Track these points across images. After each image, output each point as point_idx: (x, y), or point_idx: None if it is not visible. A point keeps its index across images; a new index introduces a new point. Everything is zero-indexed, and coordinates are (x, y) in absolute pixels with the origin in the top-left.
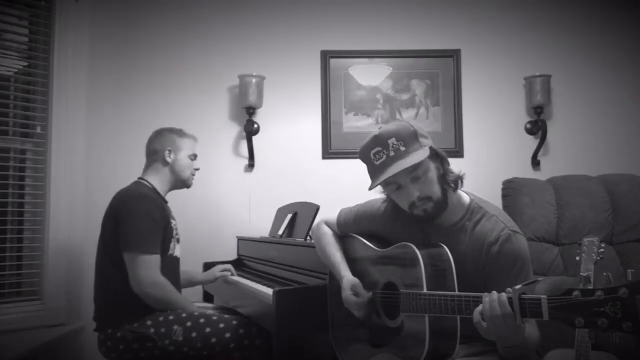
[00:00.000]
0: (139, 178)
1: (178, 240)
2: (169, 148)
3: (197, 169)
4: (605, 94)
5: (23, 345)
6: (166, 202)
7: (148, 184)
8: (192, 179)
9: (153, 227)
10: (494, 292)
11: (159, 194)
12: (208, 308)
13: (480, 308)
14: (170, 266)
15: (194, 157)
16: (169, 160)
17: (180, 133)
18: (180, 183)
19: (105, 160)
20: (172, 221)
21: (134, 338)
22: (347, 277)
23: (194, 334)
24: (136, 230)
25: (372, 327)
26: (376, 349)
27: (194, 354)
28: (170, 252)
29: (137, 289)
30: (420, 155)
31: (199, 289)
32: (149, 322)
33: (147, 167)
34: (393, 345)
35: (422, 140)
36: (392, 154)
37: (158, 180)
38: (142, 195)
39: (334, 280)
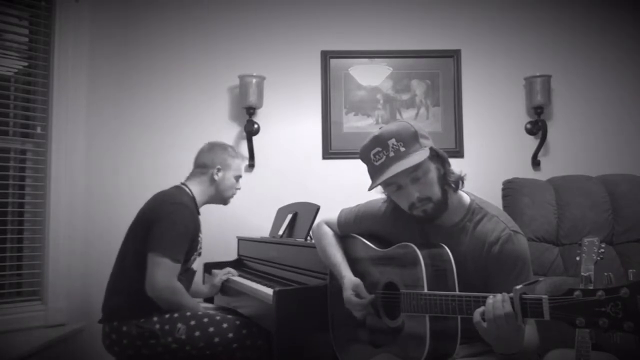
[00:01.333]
0: (182, 183)
1: (199, 254)
2: (219, 166)
3: (239, 189)
4: (605, 94)
5: (23, 345)
6: (199, 214)
7: (189, 192)
8: (232, 198)
9: (184, 236)
10: (499, 294)
11: (196, 204)
12: (209, 308)
13: (481, 309)
14: (185, 277)
15: (239, 177)
16: (216, 178)
17: (232, 152)
18: (219, 200)
19: (105, 160)
20: (200, 235)
21: (138, 333)
22: (348, 277)
23: (197, 333)
24: (168, 234)
25: (372, 327)
26: (376, 349)
27: (197, 352)
28: (189, 264)
29: (151, 290)
30: (420, 155)
31: None
32: (155, 318)
33: (192, 176)
34: (393, 345)
35: (422, 140)
36: (391, 154)
37: (199, 191)
38: (183, 203)
39: (334, 280)
